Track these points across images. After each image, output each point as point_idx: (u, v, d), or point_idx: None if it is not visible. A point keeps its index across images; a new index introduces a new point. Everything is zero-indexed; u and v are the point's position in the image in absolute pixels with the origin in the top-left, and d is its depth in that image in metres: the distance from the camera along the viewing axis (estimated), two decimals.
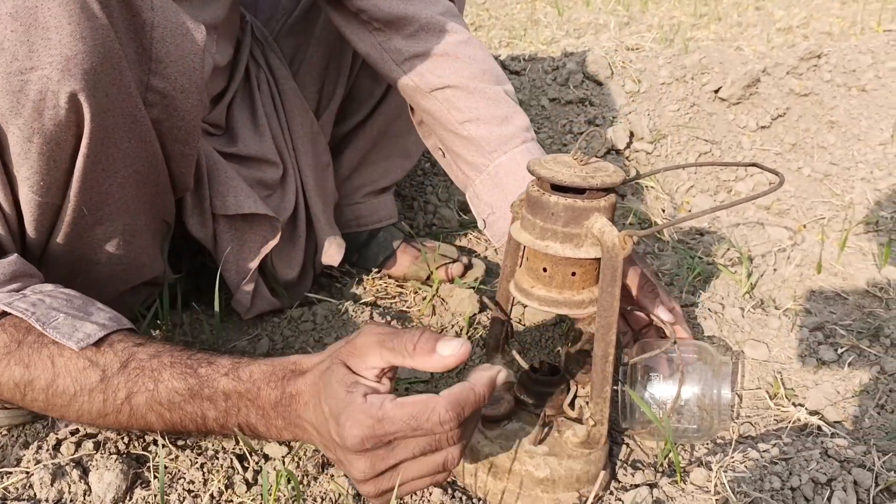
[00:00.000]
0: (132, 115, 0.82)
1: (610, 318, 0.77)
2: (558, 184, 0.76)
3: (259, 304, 1.18)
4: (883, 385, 1.07)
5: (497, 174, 1.11)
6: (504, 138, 1.11)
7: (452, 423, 0.67)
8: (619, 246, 0.74)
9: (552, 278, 0.80)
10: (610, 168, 0.79)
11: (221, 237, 1.11)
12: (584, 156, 0.78)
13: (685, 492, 0.86)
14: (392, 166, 1.43)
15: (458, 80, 1.11)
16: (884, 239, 1.53)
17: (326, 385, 0.69)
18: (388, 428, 0.66)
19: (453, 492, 0.86)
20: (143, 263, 1.00)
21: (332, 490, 0.85)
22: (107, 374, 0.75)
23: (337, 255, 1.26)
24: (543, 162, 0.79)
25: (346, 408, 0.67)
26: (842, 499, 0.84)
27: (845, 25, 2.95)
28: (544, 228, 0.78)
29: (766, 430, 1.01)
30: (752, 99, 1.91)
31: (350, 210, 1.41)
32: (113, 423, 0.77)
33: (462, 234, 1.60)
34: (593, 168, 0.78)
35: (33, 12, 0.69)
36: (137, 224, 0.93)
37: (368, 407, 0.67)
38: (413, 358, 0.69)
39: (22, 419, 0.95)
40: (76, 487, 0.83)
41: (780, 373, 1.12)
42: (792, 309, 1.26)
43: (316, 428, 0.71)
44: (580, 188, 0.76)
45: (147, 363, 0.75)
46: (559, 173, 0.76)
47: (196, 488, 0.84)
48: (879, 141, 1.79)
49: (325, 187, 1.28)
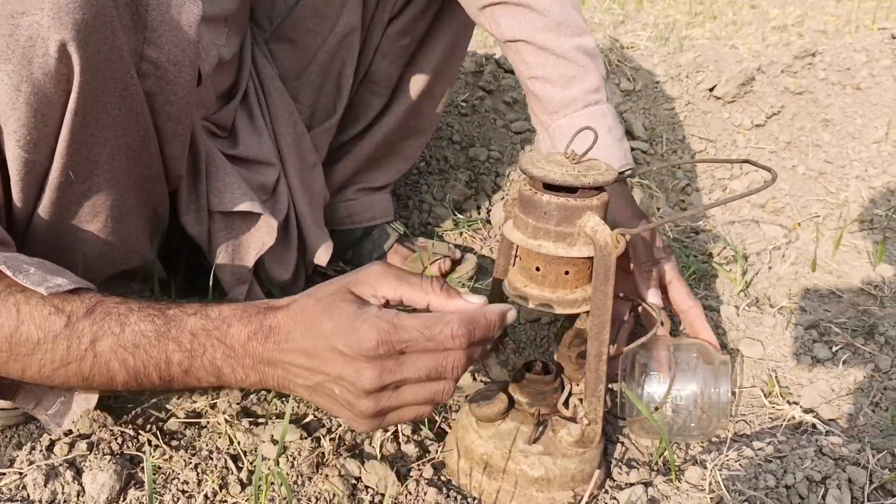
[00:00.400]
0: (124, 82, 0.81)
1: (603, 317, 0.77)
2: (550, 183, 0.76)
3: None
4: (877, 383, 1.08)
5: (554, 136, 1.11)
6: (566, 101, 1.10)
7: (462, 340, 0.68)
8: (611, 244, 0.74)
9: (545, 277, 0.80)
10: (602, 166, 0.79)
11: (216, 235, 1.10)
12: (577, 154, 0.78)
13: (680, 490, 0.86)
14: (388, 166, 1.43)
15: (530, 34, 1.09)
16: (878, 237, 1.53)
17: (330, 305, 0.69)
18: (403, 335, 0.67)
19: (448, 491, 0.86)
20: (130, 248, 0.98)
21: (327, 490, 0.84)
22: (72, 321, 0.72)
23: (324, 254, 1.25)
24: (535, 161, 0.79)
25: (360, 315, 0.67)
26: (836, 497, 0.84)
27: (840, 24, 2.95)
28: (537, 227, 0.78)
29: (761, 429, 1.01)
30: (747, 97, 1.92)
31: (344, 206, 1.41)
32: (74, 374, 0.74)
33: (457, 233, 1.60)
34: (585, 167, 0.78)
35: None
36: (126, 204, 0.92)
37: (385, 313, 0.68)
38: (435, 296, 0.70)
39: (16, 420, 0.95)
40: (70, 488, 0.82)
41: (775, 371, 1.12)
42: (787, 307, 1.26)
43: (307, 353, 0.70)
44: (572, 187, 0.76)
45: (115, 308, 0.73)
46: (551, 172, 0.76)
47: (190, 489, 0.84)
48: (874, 139, 1.80)
49: (312, 188, 1.27)
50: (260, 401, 0.99)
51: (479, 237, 1.58)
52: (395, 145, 1.41)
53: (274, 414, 0.97)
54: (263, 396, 1.00)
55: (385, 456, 0.91)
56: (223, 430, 0.91)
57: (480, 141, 1.83)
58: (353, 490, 0.85)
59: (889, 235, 1.54)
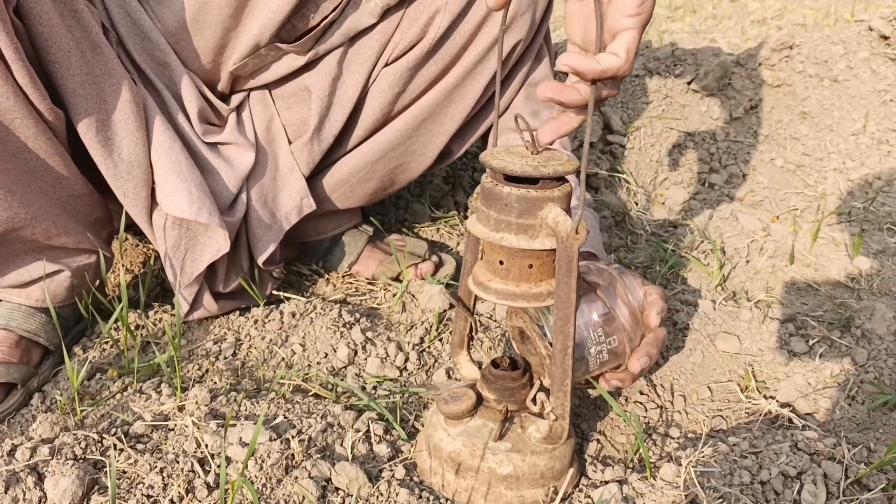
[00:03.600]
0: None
1: (567, 310, 0.76)
2: (510, 174, 0.74)
3: (202, 309, 1.17)
4: (854, 376, 1.07)
5: None
6: None
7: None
8: (573, 236, 0.73)
9: (509, 271, 0.79)
10: (563, 156, 0.77)
11: (168, 234, 1.09)
12: (537, 145, 0.76)
13: (655, 487, 0.85)
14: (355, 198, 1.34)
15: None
16: (856, 229, 1.53)
17: None
18: None
19: (420, 492, 0.85)
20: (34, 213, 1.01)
21: (297, 492, 0.83)
22: None
23: (261, 255, 1.20)
24: (496, 153, 0.78)
25: None
26: (811, 492, 0.83)
27: (819, 16, 2.96)
28: (499, 220, 0.76)
29: (737, 424, 1.01)
30: (725, 90, 1.91)
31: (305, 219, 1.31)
32: None
33: (434, 230, 1.58)
34: (545, 157, 0.76)
35: None
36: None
37: None
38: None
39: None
40: (31, 494, 0.80)
41: (752, 365, 1.11)
42: (764, 301, 1.25)
43: None
44: (533, 177, 0.74)
45: None
46: (510, 163, 0.74)
47: (155, 493, 0.82)
48: (851, 131, 1.80)
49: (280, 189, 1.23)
50: (228, 402, 0.97)
51: (457, 233, 1.57)
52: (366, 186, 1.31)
53: (243, 415, 0.95)
54: (232, 398, 0.98)
55: (356, 457, 0.89)
56: (190, 432, 0.89)
57: None
58: (324, 492, 0.83)
59: (866, 228, 1.53)
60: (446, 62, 1.17)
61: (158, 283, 1.30)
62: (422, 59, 1.16)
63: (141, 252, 1.39)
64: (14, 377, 1.02)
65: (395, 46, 1.15)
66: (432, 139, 1.25)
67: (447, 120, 1.23)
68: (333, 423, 0.94)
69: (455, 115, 1.23)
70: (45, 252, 1.08)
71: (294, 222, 1.23)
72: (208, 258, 1.11)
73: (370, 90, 1.19)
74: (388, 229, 1.53)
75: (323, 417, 0.95)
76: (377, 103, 1.20)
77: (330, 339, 1.13)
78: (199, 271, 1.12)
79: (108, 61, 1.05)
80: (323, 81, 1.17)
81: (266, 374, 1.08)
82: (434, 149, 1.26)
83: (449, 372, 1.10)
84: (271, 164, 1.22)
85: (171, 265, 1.11)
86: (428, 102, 1.21)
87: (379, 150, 1.24)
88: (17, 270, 1.07)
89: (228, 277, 1.18)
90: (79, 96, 1.01)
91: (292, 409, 0.96)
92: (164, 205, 1.07)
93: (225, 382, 1.04)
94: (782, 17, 3.05)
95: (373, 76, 1.18)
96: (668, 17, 3.06)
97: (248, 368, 1.10)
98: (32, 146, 0.99)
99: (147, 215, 1.09)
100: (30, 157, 1.00)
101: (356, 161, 1.26)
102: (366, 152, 1.25)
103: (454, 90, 1.20)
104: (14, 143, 0.97)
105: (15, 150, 0.97)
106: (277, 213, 1.22)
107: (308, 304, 1.21)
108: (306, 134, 1.21)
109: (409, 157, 1.27)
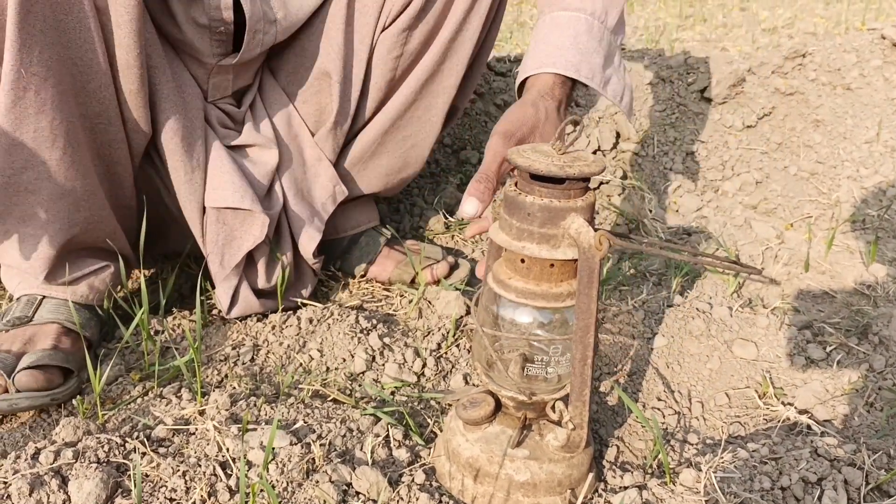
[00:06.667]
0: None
1: (588, 321, 0.76)
2: (535, 173, 0.75)
3: (242, 304, 1.18)
4: (872, 383, 1.07)
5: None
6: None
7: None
8: (595, 247, 0.73)
9: (530, 270, 0.79)
10: (589, 158, 0.77)
11: (209, 228, 1.12)
12: (563, 145, 0.77)
13: (675, 493, 0.85)
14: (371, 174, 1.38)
15: None
16: (870, 237, 1.53)
17: None
18: None
19: (440, 497, 0.85)
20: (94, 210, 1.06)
21: (318, 496, 0.83)
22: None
23: (308, 245, 1.24)
24: (522, 151, 0.78)
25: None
26: (832, 498, 0.83)
27: (830, 25, 2.96)
28: (521, 229, 0.76)
29: (756, 430, 1.01)
30: (738, 98, 1.91)
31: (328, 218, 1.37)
32: None
33: (448, 237, 1.59)
34: (572, 158, 0.76)
35: None
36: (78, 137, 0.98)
37: None
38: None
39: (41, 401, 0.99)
40: (55, 497, 0.81)
41: (769, 372, 1.11)
42: (780, 308, 1.25)
43: None
44: (558, 178, 0.75)
45: None
46: (536, 162, 0.75)
47: (178, 496, 0.83)
48: (865, 139, 1.80)
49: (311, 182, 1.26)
50: (249, 406, 0.97)
51: (471, 241, 1.57)
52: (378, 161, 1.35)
53: (263, 420, 0.95)
54: (252, 402, 0.98)
55: (376, 461, 0.90)
56: (211, 436, 0.90)
57: (471, 144, 1.83)
58: (344, 496, 0.83)
59: (881, 235, 1.53)
60: (437, 18, 1.21)
61: (177, 288, 1.31)
62: (414, 19, 1.20)
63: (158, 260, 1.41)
64: (72, 363, 1.05)
65: (390, 11, 1.19)
66: (436, 100, 1.29)
67: (447, 76, 1.27)
68: (353, 428, 0.95)
69: (454, 69, 1.27)
70: (94, 251, 1.13)
71: (332, 210, 1.28)
72: (246, 247, 1.15)
73: (373, 60, 1.23)
74: (403, 236, 1.54)
75: (342, 422, 0.95)
76: (379, 71, 1.24)
77: (347, 344, 1.14)
78: (237, 261, 1.15)
79: (181, 68, 1.11)
80: (336, 64, 1.21)
81: (284, 380, 1.08)
82: (439, 111, 1.30)
83: (466, 378, 1.10)
84: (298, 158, 1.25)
85: (214, 259, 1.15)
86: (427, 63, 1.25)
87: (387, 120, 1.28)
88: (72, 268, 1.11)
89: (269, 272, 1.20)
90: (170, 102, 1.07)
91: (312, 413, 0.97)
92: (209, 198, 1.12)
93: (244, 387, 1.05)
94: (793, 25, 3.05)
95: (373, 43, 1.22)
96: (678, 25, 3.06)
97: (266, 374, 1.10)
98: (106, 153, 1.05)
99: (201, 215, 1.13)
100: (105, 163, 1.06)
101: (368, 135, 1.30)
102: (376, 126, 1.29)
103: (449, 45, 1.23)
104: (96, 147, 1.03)
105: (96, 155, 1.03)
106: (315, 205, 1.26)
107: (325, 310, 1.22)
108: (328, 121, 1.25)
109: (417, 124, 1.31)
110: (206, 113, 1.17)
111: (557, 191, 0.75)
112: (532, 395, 0.83)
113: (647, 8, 3.43)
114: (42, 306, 1.10)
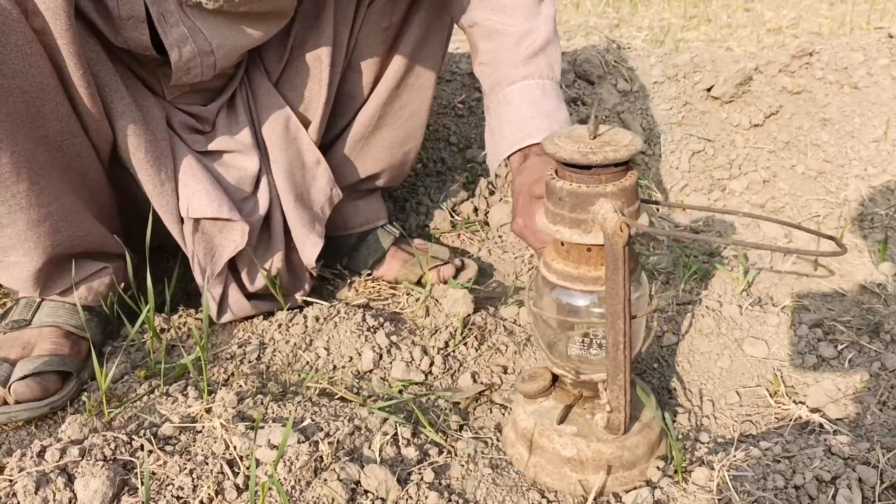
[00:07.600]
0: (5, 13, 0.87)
1: (617, 306, 0.76)
2: (559, 160, 0.76)
3: (232, 308, 1.17)
4: (884, 381, 1.06)
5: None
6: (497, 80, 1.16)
7: None
8: (618, 234, 0.72)
9: (569, 252, 0.81)
10: (621, 142, 0.76)
11: (188, 237, 1.12)
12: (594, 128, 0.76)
13: (687, 492, 0.84)
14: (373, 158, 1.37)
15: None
16: (879, 235, 1.52)
17: None
18: None
19: (449, 495, 0.84)
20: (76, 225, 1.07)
21: (326, 495, 0.82)
22: None
23: (310, 253, 1.22)
24: (555, 137, 0.78)
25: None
26: (847, 497, 0.82)
27: (834, 26, 2.95)
28: (554, 213, 0.79)
29: (768, 429, 1.00)
30: (745, 97, 1.90)
31: (335, 212, 1.37)
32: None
33: (455, 235, 1.58)
34: (600, 143, 0.76)
35: None
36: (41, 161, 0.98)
37: None
38: None
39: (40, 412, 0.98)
40: (61, 495, 0.80)
41: (780, 370, 1.10)
42: (790, 306, 1.24)
43: None
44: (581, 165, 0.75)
45: None
46: (562, 149, 0.75)
47: (185, 494, 0.82)
48: (872, 138, 1.78)
49: (308, 186, 1.25)
50: (255, 405, 0.97)
51: (477, 239, 1.57)
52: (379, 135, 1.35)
53: (270, 418, 0.94)
54: (259, 400, 0.98)
55: (385, 460, 0.89)
56: (218, 434, 0.89)
57: (478, 142, 1.82)
58: (353, 494, 0.83)
59: (890, 234, 1.52)
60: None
61: (182, 286, 1.30)
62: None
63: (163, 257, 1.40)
64: (70, 367, 1.04)
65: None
66: (426, 65, 1.31)
67: (434, 39, 1.29)
68: (361, 426, 0.94)
69: (439, 31, 1.29)
70: (91, 255, 1.13)
71: (328, 214, 1.27)
72: (227, 255, 1.14)
73: (360, 36, 1.24)
74: (409, 235, 1.53)
75: (350, 420, 0.94)
76: (371, 45, 1.25)
77: (354, 343, 1.13)
78: (219, 269, 1.14)
79: (138, 84, 1.10)
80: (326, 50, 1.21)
81: (291, 378, 1.07)
82: (431, 77, 1.32)
83: (474, 376, 1.09)
84: (297, 162, 1.23)
85: (196, 267, 1.14)
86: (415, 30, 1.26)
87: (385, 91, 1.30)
88: (68, 274, 1.10)
89: (253, 276, 1.19)
90: (127, 118, 1.05)
91: (319, 412, 0.96)
92: (185, 209, 1.11)
93: (251, 385, 1.04)
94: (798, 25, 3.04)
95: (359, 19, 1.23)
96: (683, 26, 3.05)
97: (273, 372, 1.09)
98: (76, 165, 1.04)
99: (179, 224, 1.12)
100: (78, 174, 1.05)
101: (367, 112, 1.31)
102: (374, 101, 1.31)
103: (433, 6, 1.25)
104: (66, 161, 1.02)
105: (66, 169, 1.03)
106: (314, 209, 1.25)
107: (331, 308, 1.21)
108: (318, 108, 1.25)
109: (411, 92, 1.32)
110: (169, 118, 1.15)
111: (586, 176, 0.75)
112: (579, 374, 0.86)
113: (651, 9, 3.42)
114: (41, 309, 1.09)
